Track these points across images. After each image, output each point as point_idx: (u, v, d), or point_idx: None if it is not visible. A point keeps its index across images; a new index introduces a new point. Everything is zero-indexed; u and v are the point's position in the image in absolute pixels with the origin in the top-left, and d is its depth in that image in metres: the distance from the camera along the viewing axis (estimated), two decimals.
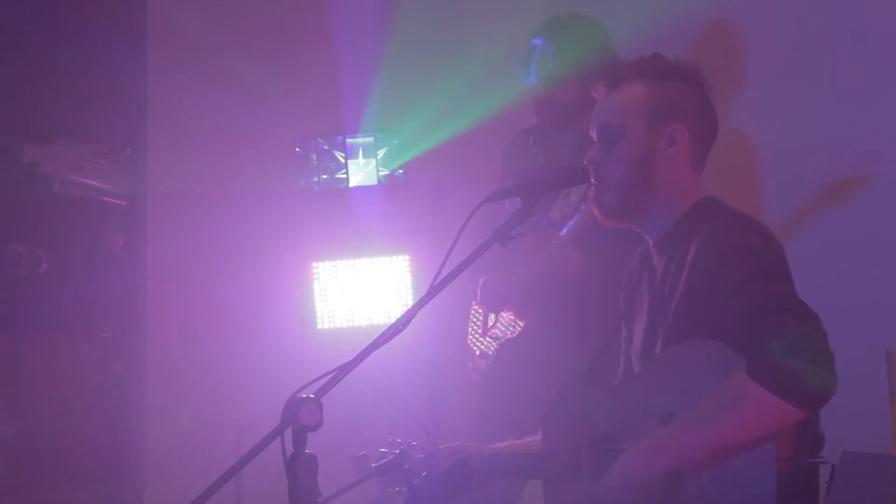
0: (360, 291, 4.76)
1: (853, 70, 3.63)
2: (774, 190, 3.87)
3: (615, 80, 2.55)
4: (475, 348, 3.93)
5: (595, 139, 2.57)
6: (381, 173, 4.91)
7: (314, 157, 4.93)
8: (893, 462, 2.22)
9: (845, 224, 3.63)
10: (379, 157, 4.91)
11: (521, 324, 3.76)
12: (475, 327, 3.96)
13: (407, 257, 4.78)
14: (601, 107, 2.57)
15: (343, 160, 4.90)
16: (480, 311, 3.98)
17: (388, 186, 4.90)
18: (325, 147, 4.93)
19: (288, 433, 2.10)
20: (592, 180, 2.53)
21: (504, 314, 3.84)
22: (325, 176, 4.92)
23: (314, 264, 4.76)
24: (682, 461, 2.25)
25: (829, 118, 3.67)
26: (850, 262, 3.60)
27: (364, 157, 4.90)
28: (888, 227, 3.54)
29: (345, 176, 4.89)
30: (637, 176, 2.49)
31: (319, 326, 4.75)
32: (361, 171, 4.90)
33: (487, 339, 3.88)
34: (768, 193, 3.89)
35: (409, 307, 2.31)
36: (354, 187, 4.87)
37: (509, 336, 3.78)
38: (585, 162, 2.54)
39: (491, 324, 3.89)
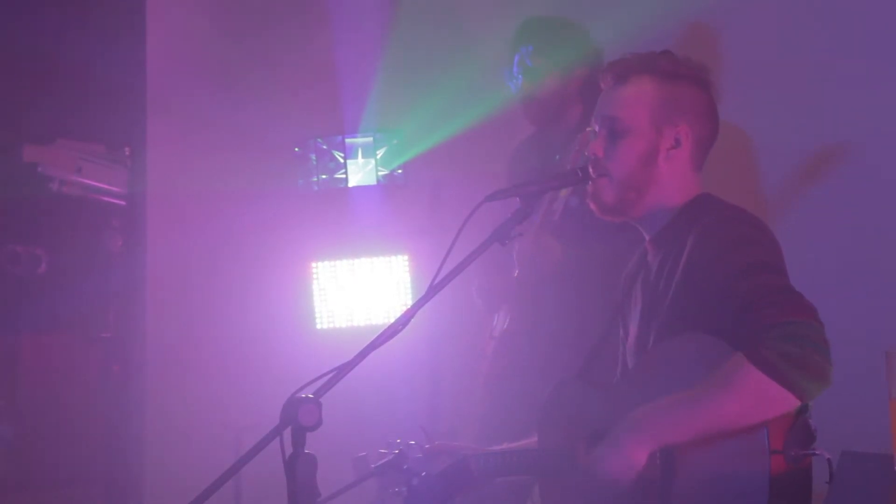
0: (359, 291, 4.76)
1: (840, 62, 3.65)
2: (767, 183, 3.88)
3: (624, 72, 2.54)
4: (482, 352, 3.94)
5: (597, 129, 2.56)
6: (380, 173, 4.91)
7: (313, 156, 4.94)
8: (892, 462, 2.22)
9: (845, 224, 3.64)
10: (378, 156, 4.91)
11: (507, 320, 3.77)
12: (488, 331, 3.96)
13: (406, 257, 4.78)
14: (607, 98, 2.56)
15: (342, 160, 4.90)
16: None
17: (387, 186, 4.90)
18: (325, 147, 4.93)
19: (287, 433, 2.11)
20: (592, 174, 2.52)
21: (502, 314, 3.85)
22: (324, 176, 4.92)
23: (313, 264, 4.77)
24: (670, 439, 2.24)
25: (821, 112, 3.68)
26: (849, 262, 3.60)
27: (363, 156, 4.91)
28: (888, 226, 3.55)
29: (344, 176, 4.90)
30: (638, 173, 2.49)
31: (318, 326, 4.75)
32: (360, 171, 4.90)
33: (490, 340, 3.89)
34: (762, 187, 3.91)
35: (408, 307, 2.31)
36: (353, 187, 4.87)
37: (500, 333, 3.79)
38: (587, 154, 2.54)
39: (494, 325, 3.90)
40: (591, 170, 2.52)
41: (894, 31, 3.58)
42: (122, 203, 4.69)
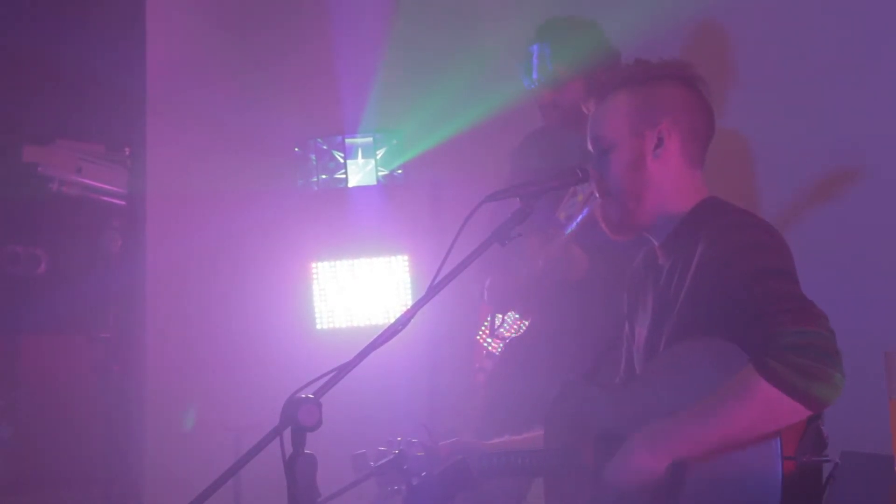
0: (359, 291, 4.76)
1: (844, 65, 3.64)
2: (770, 189, 3.88)
3: (602, 93, 2.57)
4: (482, 349, 3.93)
5: (592, 153, 2.59)
6: (380, 173, 4.90)
7: (313, 157, 4.93)
8: (892, 462, 2.22)
9: (844, 224, 3.64)
10: (378, 156, 4.90)
11: (526, 323, 3.76)
12: (483, 328, 3.96)
13: (406, 257, 4.78)
14: (591, 121, 2.59)
15: (342, 160, 4.90)
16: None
17: (387, 186, 4.90)
18: (324, 147, 4.93)
19: (287, 433, 2.10)
20: (596, 195, 2.56)
21: (510, 314, 3.85)
22: (324, 176, 4.92)
23: (313, 264, 4.76)
24: (685, 453, 2.24)
25: (823, 115, 3.68)
26: (849, 262, 3.60)
27: (363, 157, 4.90)
28: (887, 227, 3.54)
29: (344, 176, 4.89)
30: (630, 181, 2.50)
31: (318, 326, 4.75)
32: (360, 171, 4.90)
33: (494, 339, 3.88)
34: (764, 193, 3.90)
35: (408, 307, 2.31)
36: (353, 187, 4.87)
37: (514, 336, 3.79)
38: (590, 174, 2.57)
39: (498, 324, 3.89)
40: (596, 192, 2.55)
41: None
42: (122, 203, 4.69)
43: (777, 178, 3.87)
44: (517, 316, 3.82)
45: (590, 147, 2.59)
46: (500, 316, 3.89)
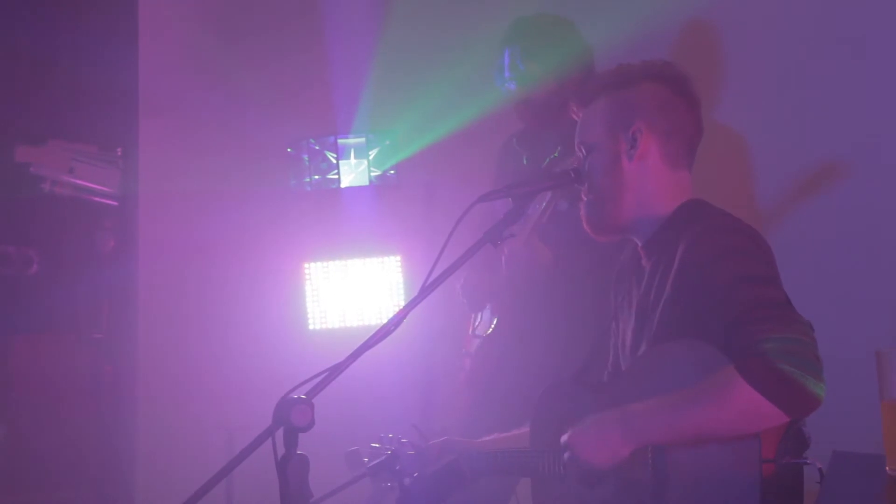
0: (351, 292, 4.76)
1: (836, 65, 3.65)
2: (764, 186, 3.88)
3: (586, 99, 2.59)
4: (464, 348, 3.94)
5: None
6: (372, 174, 4.90)
7: (306, 157, 4.93)
8: (883, 462, 2.22)
9: (837, 224, 3.64)
10: (370, 157, 4.91)
11: (495, 321, 3.77)
12: (469, 327, 3.97)
13: (398, 258, 4.78)
14: (578, 127, 2.61)
15: (335, 160, 4.90)
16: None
17: (379, 187, 4.90)
18: (317, 147, 4.93)
19: (279, 434, 2.10)
20: (582, 196, 2.56)
21: (486, 312, 3.86)
22: (316, 176, 4.92)
23: (306, 265, 4.76)
24: (656, 439, 2.25)
25: (815, 113, 3.69)
26: (841, 260, 3.61)
27: (356, 157, 4.90)
28: (880, 227, 3.55)
29: (336, 176, 4.89)
30: (607, 183, 2.51)
31: (311, 327, 4.74)
32: (353, 172, 4.90)
33: (473, 338, 3.89)
34: (758, 189, 3.91)
35: (401, 308, 2.31)
36: (346, 188, 4.87)
37: (487, 333, 3.79)
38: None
39: (477, 323, 3.90)
40: (582, 195, 2.56)
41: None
42: (115, 203, 4.69)
43: (771, 175, 3.87)
44: (489, 313, 3.83)
45: (577, 152, 2.61)
46: (480, 315, 3.90)
